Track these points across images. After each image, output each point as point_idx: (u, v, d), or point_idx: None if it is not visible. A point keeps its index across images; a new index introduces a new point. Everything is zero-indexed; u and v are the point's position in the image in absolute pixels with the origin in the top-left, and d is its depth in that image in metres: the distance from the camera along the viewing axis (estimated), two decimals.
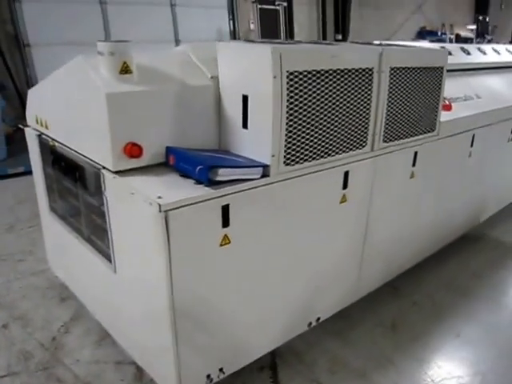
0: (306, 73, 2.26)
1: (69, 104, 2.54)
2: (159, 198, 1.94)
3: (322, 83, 2.34)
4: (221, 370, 2.42)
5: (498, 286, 3.86)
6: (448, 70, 3.48)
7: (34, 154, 3.10)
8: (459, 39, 12.03)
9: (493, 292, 3.77)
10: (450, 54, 3.82)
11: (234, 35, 8.47)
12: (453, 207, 3.86)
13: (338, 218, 2.74)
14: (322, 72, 2.33)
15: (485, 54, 4.39)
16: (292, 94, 2.22)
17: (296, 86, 2.23)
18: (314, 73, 2.29)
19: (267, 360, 2.85)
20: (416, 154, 3.09)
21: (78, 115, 2.45)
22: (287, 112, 2.23)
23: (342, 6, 11.47)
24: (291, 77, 2.20)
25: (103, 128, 2.16)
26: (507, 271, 4.12)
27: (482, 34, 12.27)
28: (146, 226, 2.04)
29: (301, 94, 2.26)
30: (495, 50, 4.60)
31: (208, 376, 2.37)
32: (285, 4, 9.42)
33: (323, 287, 2.84)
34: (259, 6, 8.91)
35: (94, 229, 2.61)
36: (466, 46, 4.29)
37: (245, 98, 2.29)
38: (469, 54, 4.15)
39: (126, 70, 2.24)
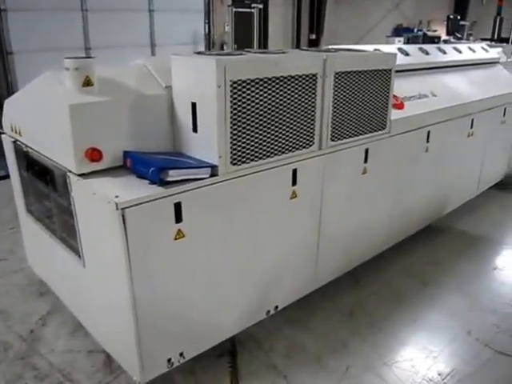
0: (249, 81, 2.47)
1: (38, 113, 2.74)
2: (116, 197, 2.16)
3: (266, 89, 2.55)
4: (181, 354, 2.63)
5: (457, 274, 4.06)
6: (405, 70, 3.68)
7: (10, 159, 3.30)
8: (426, 39, 12.15)
9: (452, 280, 3.97)
10: (407, 54, 4.02)
11: (208, 38, 8.66)
12: (412, 200, 4.04)
13: (290, 213, 2.93)
14: (265, 79, 2.53)
15: (445, 53, 4.56)
16: (235, 101, 2.43)
17: (239, 93, 2.43)
18: (257, 80, 2.50)
19: (227, 347, 3.06)
20: (367, 150, 3.29)
21: (46, 124, 2.66)
22: (231, 117, 2.43)
23: (317, 6, 11.61)
24: (235, 85, 2.41)
25: (67, 135, 2.38)
26: (467, 260, 4.32)
27: (453, 32, 12.37)
28: (107, 223, 2.26)
29: (244, 100, 2.46)
30: (456, 49, 4.77)
31: (169, 360, 2.58)
32: (260, 6, 9.59)
33: (280, 277, 3.04)
34: (234, 10, 9.10)
35: (65, 227, 2.80)
36: (424, 46, 4.47)
37: (194, 105, 2.50)
38: (427, 53, 4.33)
39: (88, 83, 2.46)
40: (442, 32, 13.87)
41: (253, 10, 9.41)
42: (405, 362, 3.04)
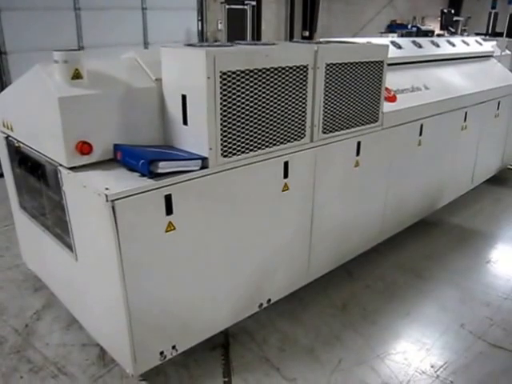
0: (239, 72, 2.47)
1: (29, 108, 2.74)
2: (106, 189, 2.16)
3: (256, 81, 2.55)
4: (174, 347, 2.63)
5: (451, 268, 4.07)
6: (397, 63, 3.68)
7: (3, 154, 3.30)
8: (419, 33, 12.13)
9: (445, 273, 3.98)
10: (400, 47, 4.02)
11: (201, 36, 8.65)
12: (405, 194, 4.05)
13: (282, 205, 2.94)
14: (256, 71, 2.53)
15: (438, 46, 4.57)
16: (225, 92, 2.43)
17: (229, 84, 2.44)
18: (248, 72, 2.50)
19: (220, 339, 3.07)
20: (359, 143, 3.30)
21: (36, 118, 2.65)
22: (221, 109, 2.43)
23: (310, 3, 11.59)
24: (224, 76, 2.41)
25: (57, 128, 2.38)
26: (461, 253, 4.33)
27: (447, 27, 12.35)
28: (97, 216, 2.26)
29: (234, 91, 2.46)
30: (450, 43, 4.78)
31: (161, 353, 2.58)
32: (253, 3, 9.58)
33: (272, 270, 3.04)
34: (227, 7, 9.09)
35: (57, 222, 2.81)
36: (418, 39, 4.47)
37: (184, 98, 2.50)
38: (420, 46, 4.33)
39: (77, 75, 2.46)
40: (436, 28, 13.85)
41: (246, 7, 9.40)
42: (398, 354, 3.04)
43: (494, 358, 3.04)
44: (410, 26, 14.28)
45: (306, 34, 11.62)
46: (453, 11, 13.37)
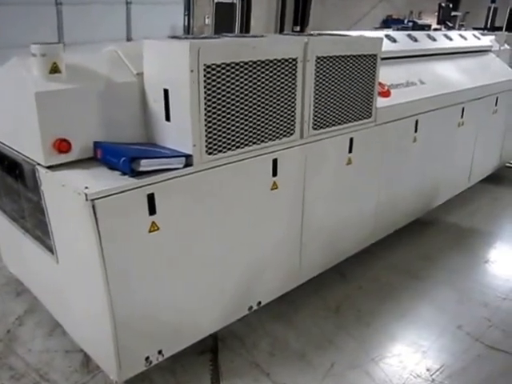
0: (224, 65, 2.36)
1: (5, 103, 2.63)
2: (86, 188, 2.06)
3: (242, 74, 2.44)
4: (160, 352, 2.53)
5: (448, 268, 3.97)
6: (392, 58, 3.58)
7: None
8: (416, 27, 12.03)
9: (442, 273, 3.88)
10: (394, 41, 3.92)
11: (188, 31, 8.52)
12: (399, 193, 3.94)
13: (271, 205, 2.83)
14: (242, 64, 2.43)
15: (434, 40, 4.47)
16: (210, 86, 2.32)
17: (214, 78, 2.33)
18: (233, 65, 2.39)
19: (209, 344, 2.96)
20: (352, 140, 3.19)
21: (12, 114, 2.55)
22: (206, 103, 2.33)
23: None
24: (209, 70, 2.30)
25: (33, 125, 2.27)
26: (458, 253, 4.24)
27: (444, 22, 12.25)
28: (77, 216, 2.16)
29: (219, 85, 2.36)
30: (447, 37, 4.68)
31: (147, 358, 2.48)
32: None
33: (262, 272, 2.94)
34: (216, 1, 8.95)
35: (37, 223, 2.70)
36: (413, 32, 4.38)
37: (166, 92, 2.39)
38: (416, 40, 4.24)
39: (55, 69, 2.35)
40: (433, 23, 13.74)
41: (235, 1, 9.26)
42: (393, 357, 2.95)
43: (492, 360, 2.95)
44: (406, 21, 14.18)
45: (297, 29, 11.50)
46: (451, 5, 13.26)
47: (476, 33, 5.40)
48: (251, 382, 2.71)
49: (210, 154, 2.42)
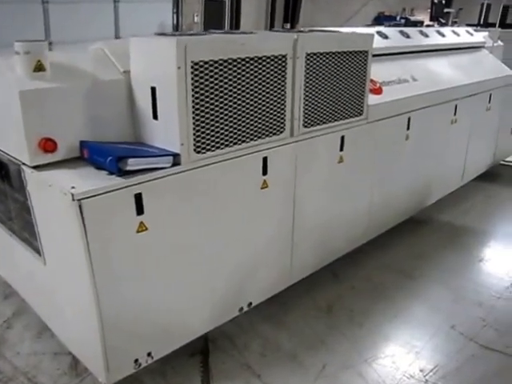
0: (212, 62, 2.32)
1: None
2: (72, 188, 2.02)
3: (231, 71, 2.40)
4: (149, 354, 2.49)
5: (441, 267, 3.94)
6: (383, 54, 3.55)
7: None
8: (408, 24, 12.00)
9: (435, 272, 3.85)
10: (386, 37, 3.89)
11: (176, 29, 8.45)
12: (392, 191, 3.91)
13: (261, 204, 2.79)
14: (230, 61, 2.39)
15: (427, 36, 4.44)
16: (198, 84, 2.28)
17: (202, 75, 2.29)
18: (222, 62, 2.35)
19: (199, 345, 2.92)
20: (343, 138, 3.15)
21: None
22: (193, 101, 2.29)
23: None
24: (196, 67, 2.26)
25: (18, 124, 2.23)
26: (451, 252, 4.21)
27: (437, 18, 12.24)
28: (64, 216, 2.12)
29: (207, 82, 2.32)
30: (439, 33, 4.65)
31: (136, 361, 2.44)
32: None
33: (253, 272, 2.90)
34: None
35: (23, 224, 2.66)
36: (405, 29, 4.35)
37: (153, 90, 2.35)
38: (408, 37, 4.20)
39: (39, 67, 2.30)
40: (426, 20, 13.69)
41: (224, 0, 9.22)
42: (386, 358, 2.92)
43: (486, 360, 2.92)
44: (398, 18, 14.14)
45: (288, 26, 11.48)
46: (444, 2, 13.24)
47: (469, 29, 5.37)
48: None
49: (198, 152, 2.38)
